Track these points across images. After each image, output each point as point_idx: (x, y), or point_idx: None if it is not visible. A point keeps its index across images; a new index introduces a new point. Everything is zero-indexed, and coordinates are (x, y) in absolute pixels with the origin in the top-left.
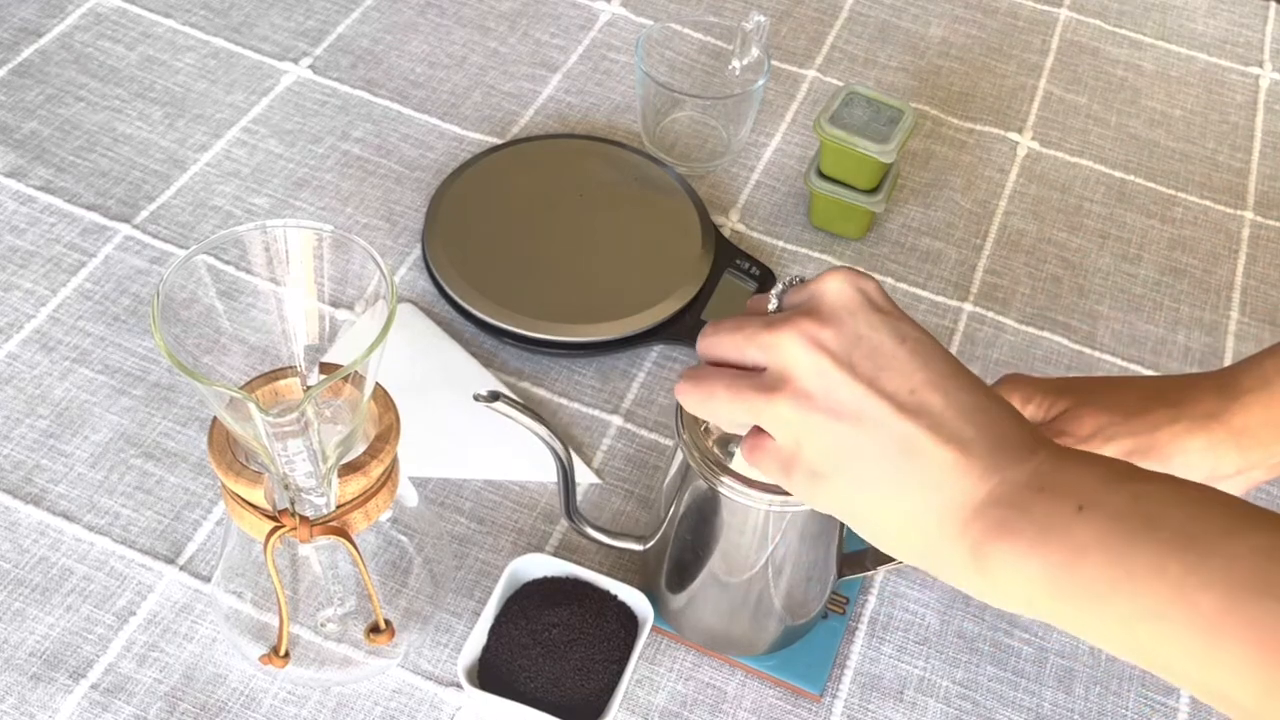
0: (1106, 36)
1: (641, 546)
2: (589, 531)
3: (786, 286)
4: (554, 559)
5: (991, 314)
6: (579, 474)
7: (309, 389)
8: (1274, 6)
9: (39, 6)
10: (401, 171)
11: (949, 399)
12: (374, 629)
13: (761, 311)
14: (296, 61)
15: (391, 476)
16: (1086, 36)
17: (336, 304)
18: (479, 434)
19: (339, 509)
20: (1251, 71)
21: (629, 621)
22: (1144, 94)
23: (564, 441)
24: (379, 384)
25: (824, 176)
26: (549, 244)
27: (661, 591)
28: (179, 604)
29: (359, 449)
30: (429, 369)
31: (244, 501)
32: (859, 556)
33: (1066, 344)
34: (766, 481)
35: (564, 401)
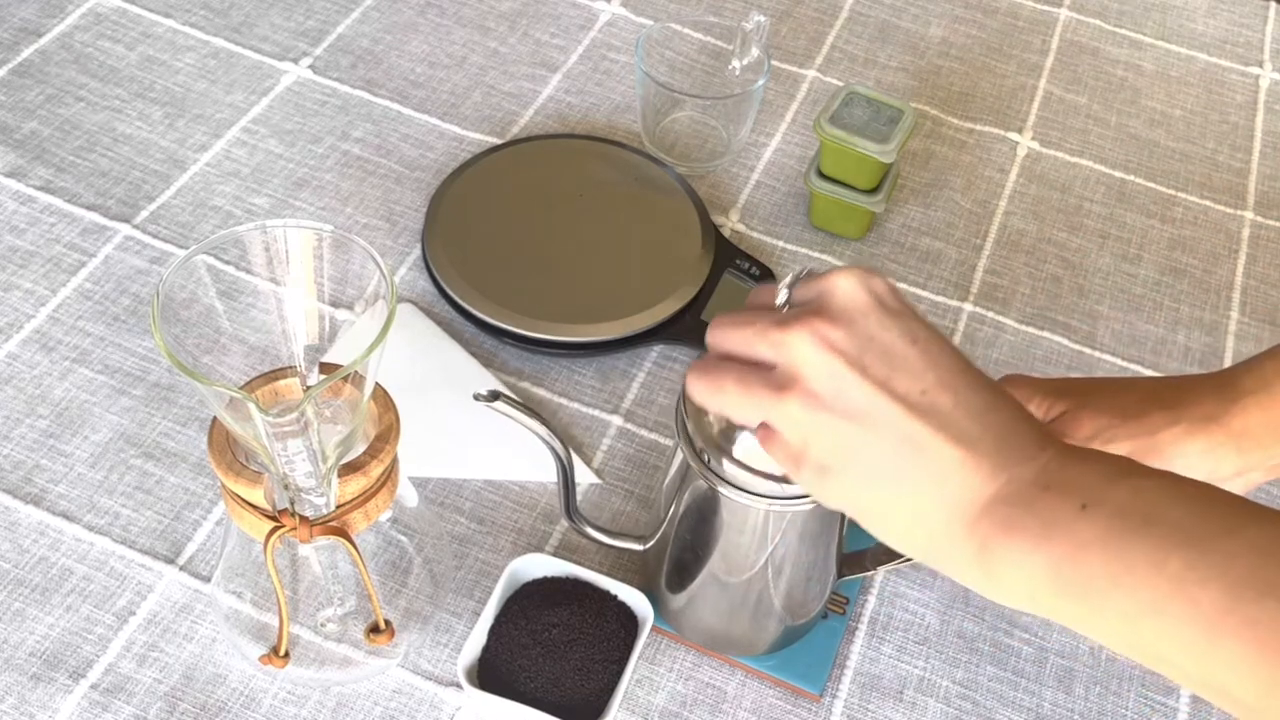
0: (1106, 36)
1: (641, 546)
2: (589, 531)
3: (797, 278)
4: (554, 559)
5: (991, 314)
6: (579, 474)
7: (309, 389)
8: (1274, 6)
9: (39, 6)
10: (401, 171)
11: (959, 398)
12: (374, 629)
13: (769, 302)
14: (296, 61)
15: (391, 476)
16: (1086, 36)
17: (336, 304)
18: (479, 434)
19: (339, 509)
20: (1251, 71)
21: (629, 621)
22: (1144, 94)
23: (564, 441)
24: (379, 384)
25: (824, 176)
26: (549, 244)
27: (661, 591)
28: (179, 604)
29: (359, 449)
30: (429, 369)
31: (244, 501)
32: (859, 556)
33: (1066, 344)
34: (762, 469)
35: (564, 401)
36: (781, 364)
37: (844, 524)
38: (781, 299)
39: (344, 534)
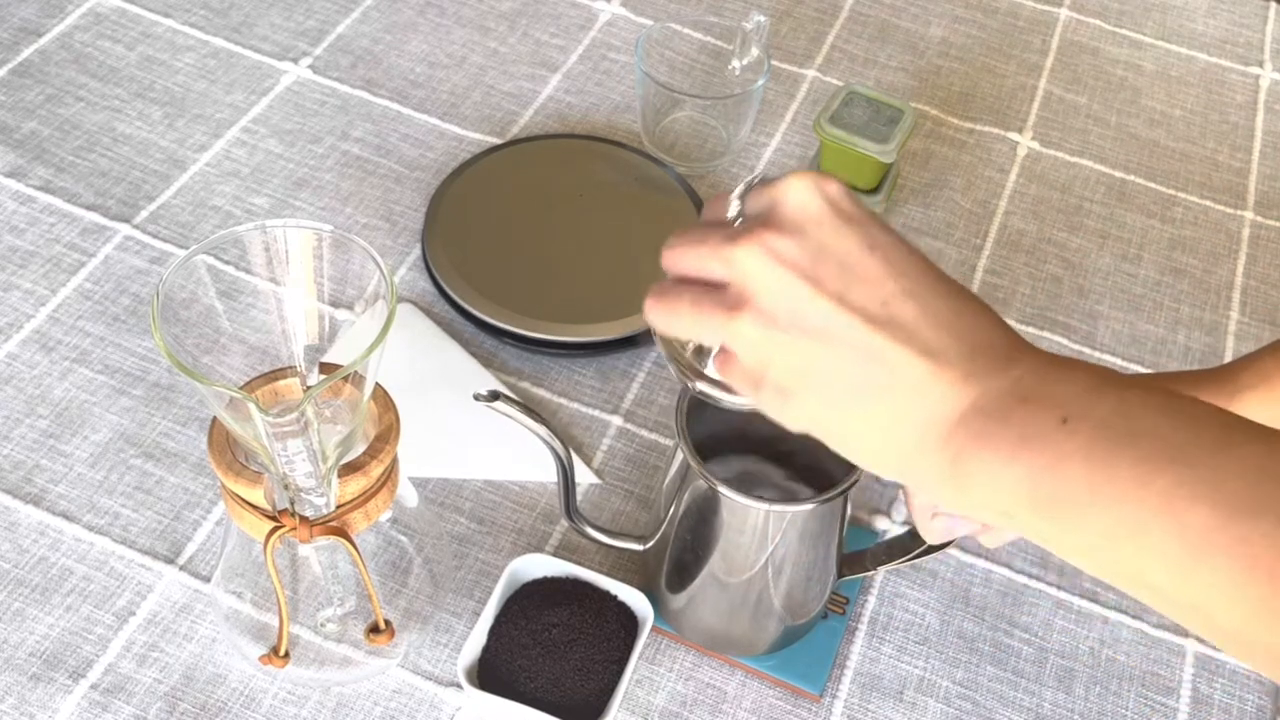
0: (1106, 36)
1: (641, 546)
2: (589, 531)
3: (749, 185)
4: (554, 559)
5: None
6: (579, 474)
7: (309, 389)
8: (1274, 6)
9: (39, 6)
10: (401, 171)
11: (924, 307)
12: (374, 629)
13: (721, 215)
14: (296, 61)
15: (391, 476)
16: (1086, 36)
17: (336, 304)
18: (479, 434)
19: (339, 509)
20: (1251, 71)
21: (629, 621)
22: (1144, 94)
23: (564, 441)
24: (379, 384)
25: None
26: (549, 244)
27: (661, 591)
28: (179, 604)
29: (359, 449)
30: (429, 369)
31: (244, 501)
32: (859, 556)
33: (1066, 344)
34: (738, 399)
35: (564, 401)
36: (733, 282)
37: (844, 524)
38: (733, 211)
39: (344, 534)
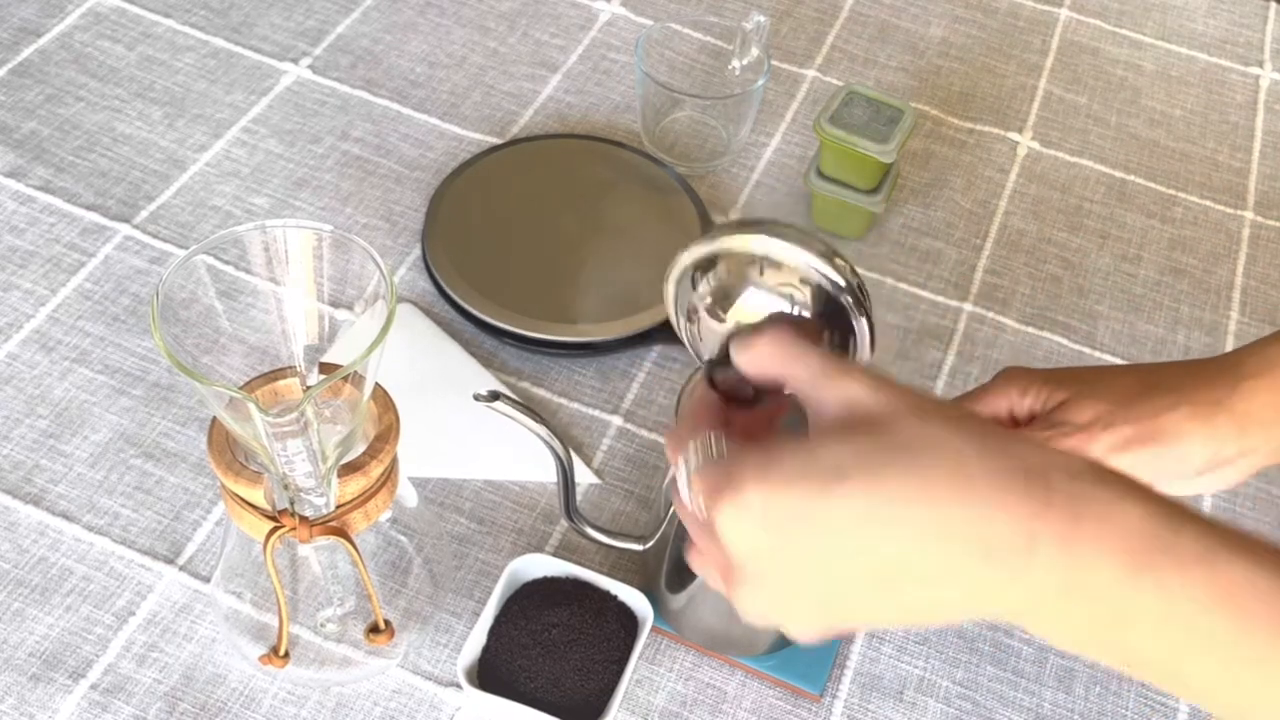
0: (1106, 36)
1: (641, 546)
2: (589, 531)
3: (712, 366)
4: (554, 559)
5: (991, 314)
6: (579, 474)
7: (309, 389)
8: (1274, 6)
9: (39, 6)
10: (401, 171)
11: (913, 576)
12: (374, 629)
13: (689, 423)
14: (296, 61)
15: (391, 476)
16: (1086, 36)
17: (336, 304)
18: (479, 434)
19: (339, 509)
20: (1251, 71)
21: (629, 621)
22: (1144, 94)
23: (564, 441)
24: (379, 384)
25: (824, 176)
26: (549, 244)
27: (661, 591)
28: (178, 604)
29: (359, 449)
30: (429, 369)
31: (244, 501)
32: None
33: (1066, 344)
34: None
35: (564, 401)
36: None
37: None
38: (684, 490)
39: (344, 534)
